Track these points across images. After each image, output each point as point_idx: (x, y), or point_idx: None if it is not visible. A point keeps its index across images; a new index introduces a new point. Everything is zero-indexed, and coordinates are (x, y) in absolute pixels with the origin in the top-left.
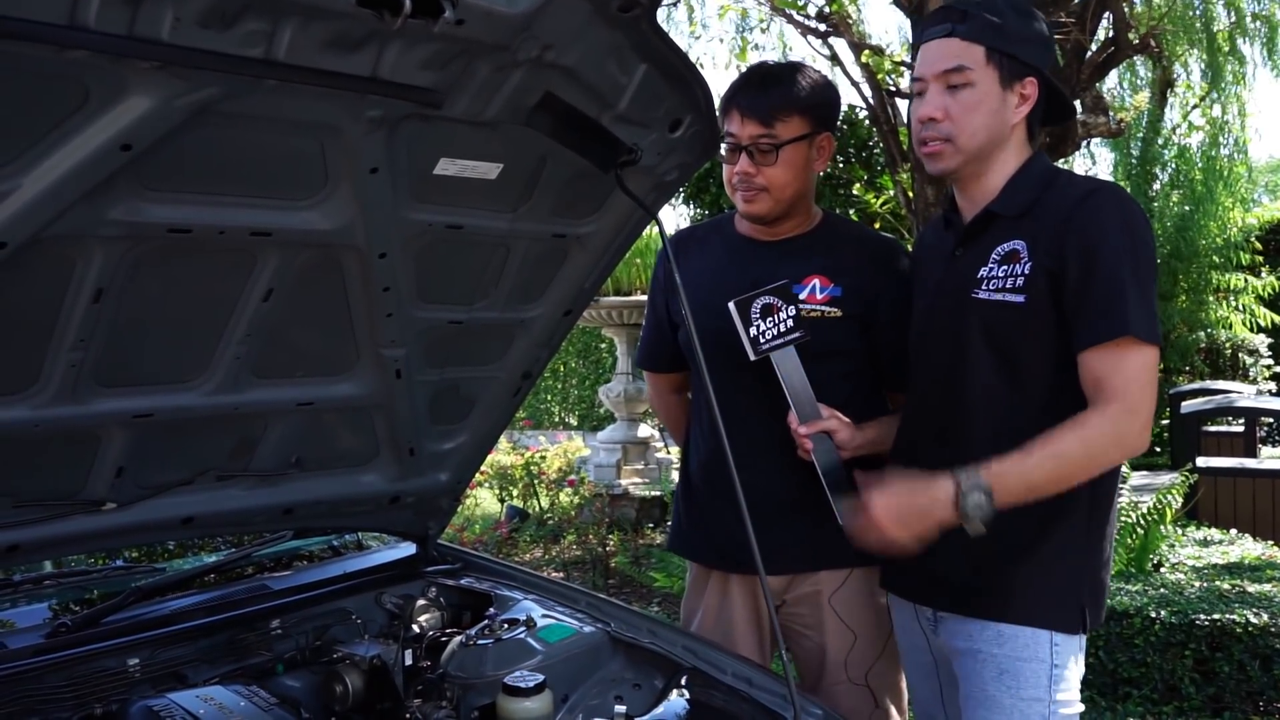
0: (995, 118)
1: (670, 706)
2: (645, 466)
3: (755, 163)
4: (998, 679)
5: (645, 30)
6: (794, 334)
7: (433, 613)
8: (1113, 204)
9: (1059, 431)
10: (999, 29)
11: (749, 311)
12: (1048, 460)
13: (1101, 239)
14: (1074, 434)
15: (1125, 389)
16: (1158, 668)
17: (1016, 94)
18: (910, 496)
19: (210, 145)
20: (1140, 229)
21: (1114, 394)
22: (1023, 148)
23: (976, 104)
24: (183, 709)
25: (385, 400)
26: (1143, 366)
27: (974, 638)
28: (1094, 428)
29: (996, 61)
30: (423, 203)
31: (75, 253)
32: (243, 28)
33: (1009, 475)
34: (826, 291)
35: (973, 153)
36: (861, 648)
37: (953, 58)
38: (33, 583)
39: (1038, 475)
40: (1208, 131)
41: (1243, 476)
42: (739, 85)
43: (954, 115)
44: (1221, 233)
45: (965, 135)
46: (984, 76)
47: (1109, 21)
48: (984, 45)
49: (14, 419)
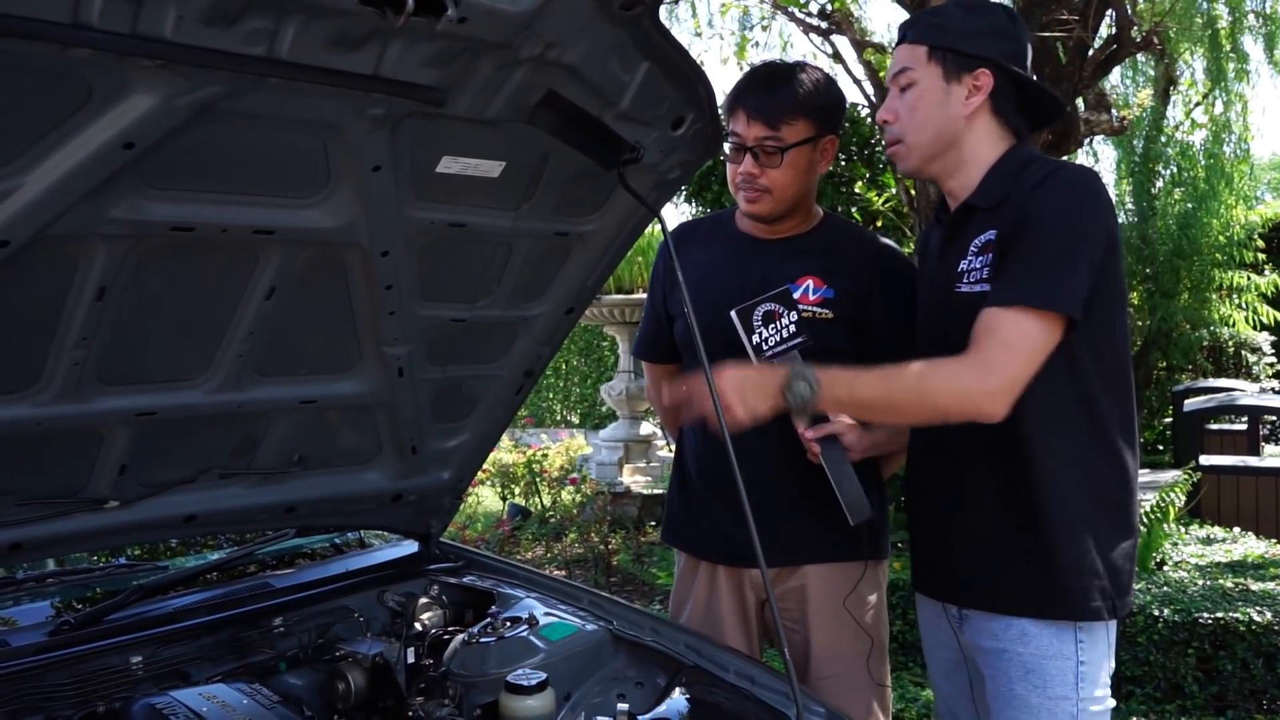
0: (939, 111)
1: (672, 704)
2: (647, 464)
3: (759, 164)
4: (1024, 678)
5: (648, 28)
6: (797, 339)
7: (435, 611)
8: (1059, 185)
9: (907, 365)
10: (940, 27)
11: (750, 319)
12: (877, 380)
13: (1036, 215)
14: (916, 367)
15: (988, 346)
16: (1161, 666)
17: (966, 86)
18: (753, 373)
19: (213, 143)
20: (1081, 206)
21: (975, 348)
22: (997, 139)
23: (917, 100)
24: (185, 707)
25: (387, 398)
26: (1019, 332)
27: (999, 636)
28: (937, 369)
29: (939, 58)
30: (425, 201)
31: (78, 251)
32: (245, 26)
33: (838, 380)
34: (819, 293)
35: (924, 148)
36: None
37: (899, 62)
38: (35, 581)
39: (864, 391)
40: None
41: (1246, 475)
42: (745, 85)
43: (902, 115)
44: (1224, 230)
45: (913, 133)
46: (926, 74)
47: (1111, 19)
48: (926, 44)
49: (17, 417)
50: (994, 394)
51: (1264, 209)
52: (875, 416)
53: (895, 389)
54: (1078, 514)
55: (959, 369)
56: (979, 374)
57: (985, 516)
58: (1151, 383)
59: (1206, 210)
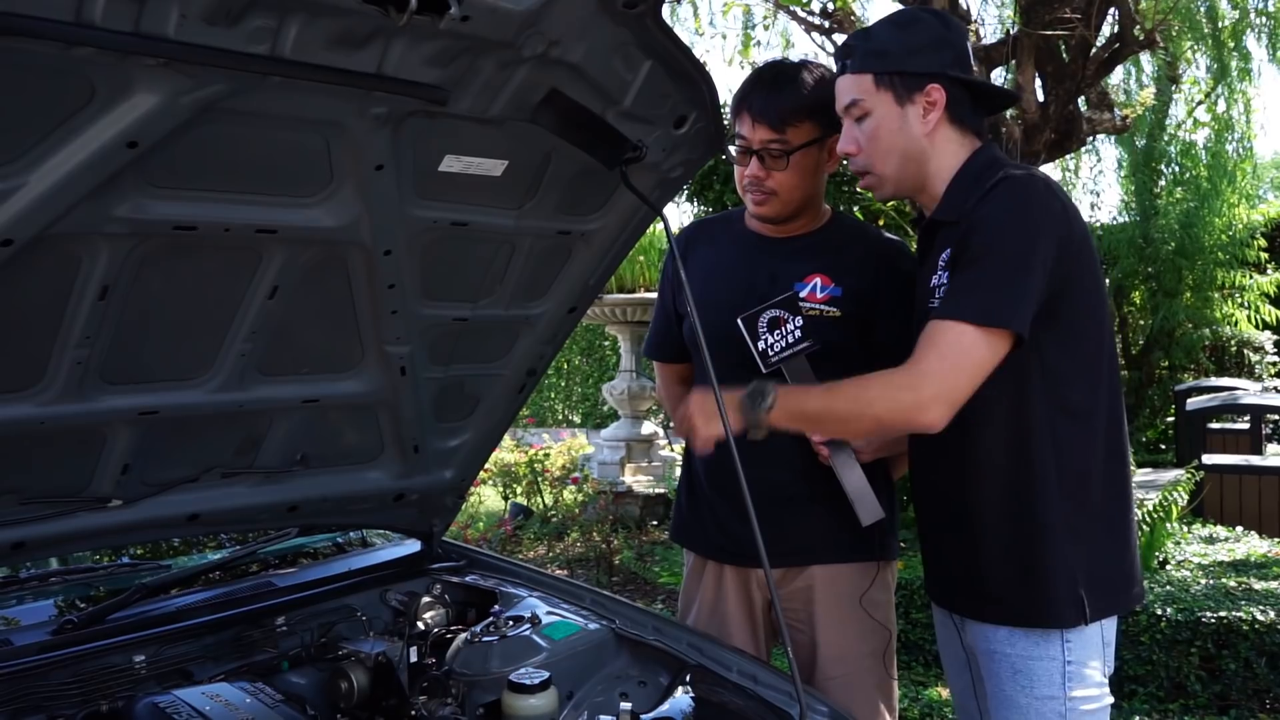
0: (901, 136)
1: (675, 704)
2: (649, 464)
3: (766, 167)
4: (1013, 679)
5: (650, 27)
6: (803, 344)
7: (438, 610)
8: (1002, 195)
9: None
10: (879, 53)
11: (756, 326)
12: (822, 393)
13: (980, 227)
14: (857, 379)
15: (924, 357)
16: (1163, 665)
17: (920, 105)
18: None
19: (216, 142)
20: (1025, 215)
21: (912, 359)
22: (959, 147)
23: (876, 129)
24: (188, 706)
25: (390, 397)
26: (957, 344)
27: (989, 639)
28: (874, 380)
29: (887, 83)
30: (428, 200)
31: (81, 250)
32: (248, 24)
33: (790, 394)
34: (827, 291)
35: (894, 175)
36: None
37: (847, 93)
38: (39, 580)
39: (811, 404)
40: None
41: (1248, 474)
42: (749, 87)
43: (864, 147)
44: (1227, 229)
45: (879, 161)
46: (878, 102)
47: (1114, 17)
48: (870, 73)
49: (20, 416)
50: (926, 404)
51: (1266, 208)
52: (824, 429)
53: (836, 401)
54: (1055, 520)
55: (893, 379)
56: (912, 384)
57: (966, 525)
58: (1154, 382)
59: (1209, 209)
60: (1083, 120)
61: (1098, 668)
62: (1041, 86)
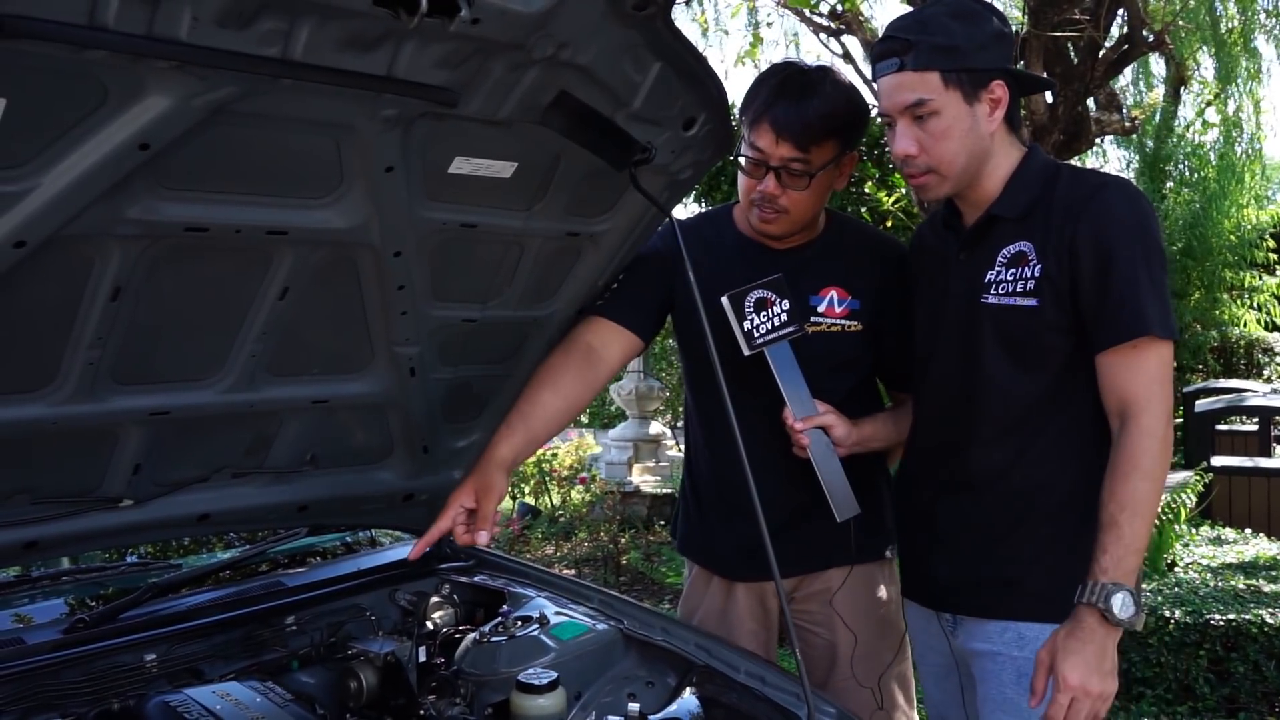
0: (970, 136)
1: (683, 704)
2: (656, 464)
3: (782, 184)
4: (1017, 682)
5: (660, 28)
6: (788, 328)
7: (446, 609)
8: (1123, 200)
9: (1121, 483)
10: (948, 50)
11: (742, 305)
12: (1136, 520)
13: (1115, 236)
14: (1135, 475)
15: (1149, 396)
16: (1172, 667)
17: (985, 103)
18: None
19: (227, 144)
20: (1151, 224)
21: (1141, 405)
22: (1010, 146)
23: (946, 131)
24: (199, 704)
25: (399, 398)
26: (1160, 365)
27: (993, 640)
28: (1145, 455)
29: (955, 81)
30: (437, 201)
31: (93, 252)
32: (260, 27)
33: (1124, 562)
34: (845, 304)
35: (959, 176)
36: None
37: (909, 91)
38: (51, 579)
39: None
40: (1221, 129)
41: (1257, 476)
42: (773, 95)
43: (928, 147)
44: (1235, 230)
45: (946, 163)
46: (947, 102)
47: (1123, 18)
48: (937, 70)
49: (32, 416)
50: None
51: (1275, 209)
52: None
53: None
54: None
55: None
56: (1161, 423)
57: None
58: None
59: (1217, 210)
60: (1091, 121)
61: None
62: None
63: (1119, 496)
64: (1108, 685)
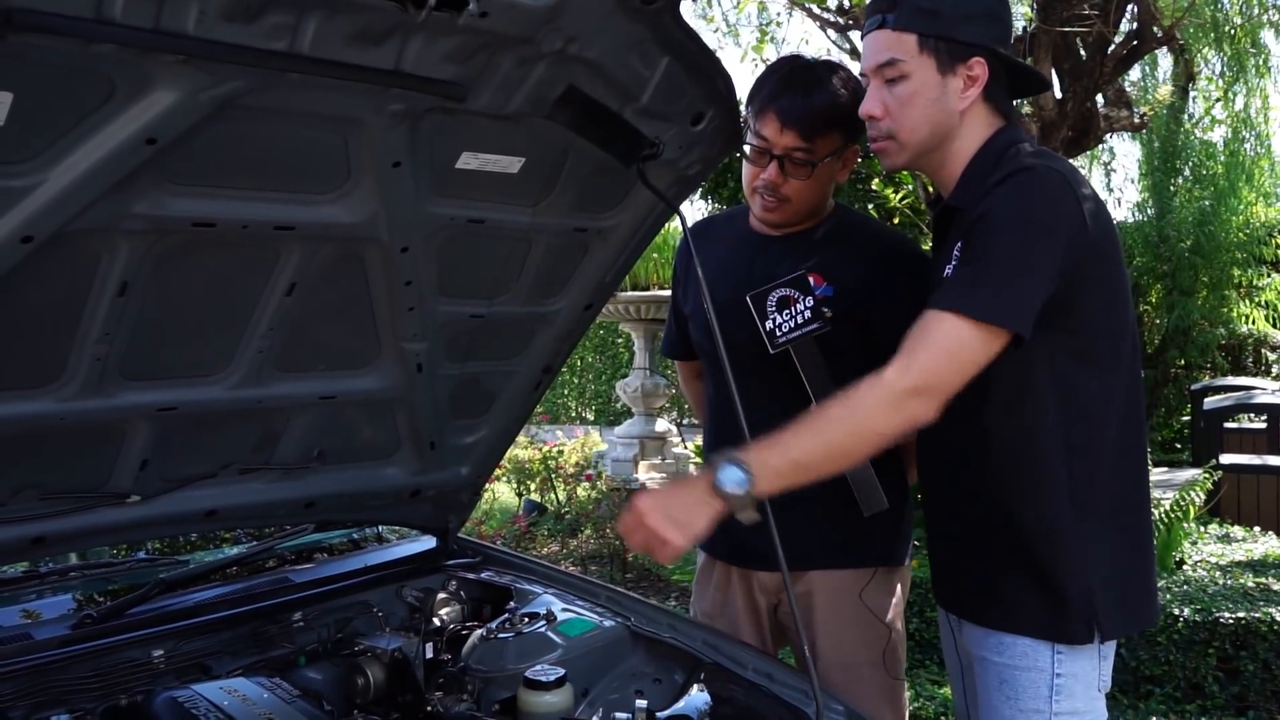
0: (936, 107)
1: (691, 701)
2: (662, 461)
3: (785, 173)
4: (999, 688)
5: (668, 23)
6: (812, 325)
7: (453, 606)
8: (1015, 187)
9: (829, 400)
10: (930, 13)
11: (765, 305)
12: (809, 433)
13: (988, 218)
14: (839, 403)
15: (914, 346)
16: (1180, 666)
17: (961, 77)
18: (674, 490)
19: (234, 139)
20: (1038, 213)
21: (903, 359)
22: (983, 127)
23: (912, 96)
24: (206, 700)
25: (406, 394)
26: (952, 341)
27: (980, 644)
28: (860, 390)
29: (931, 48)
30: (445, 197)
31: (100, 246)
32: (267, 21)
33: (770, 452)
34: (820, 290)
35: (918, 146)
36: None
37: (884, 50)
38: (58, 574)
39: (800, 450)
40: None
41: (1266, 474)
42: (780, 86)
43: (892, 111)
44: (1244, 227)
45: (906, 130)
46: (919, 66)
47: (1132, 14)
48: (916, 33)
49: (40, 412)
50: (919, 391)
51: None
52: (825, 470)
53: (830, 433)
54: (1063, 526)
55: (879, 378)
56: (900, 374)
57: (970, 527)
58: (1169, 381)
59: (1226, 207)
60: (1100, 117)
61: (1092, 682)
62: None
63: (820, 407)
64: (666, 529)
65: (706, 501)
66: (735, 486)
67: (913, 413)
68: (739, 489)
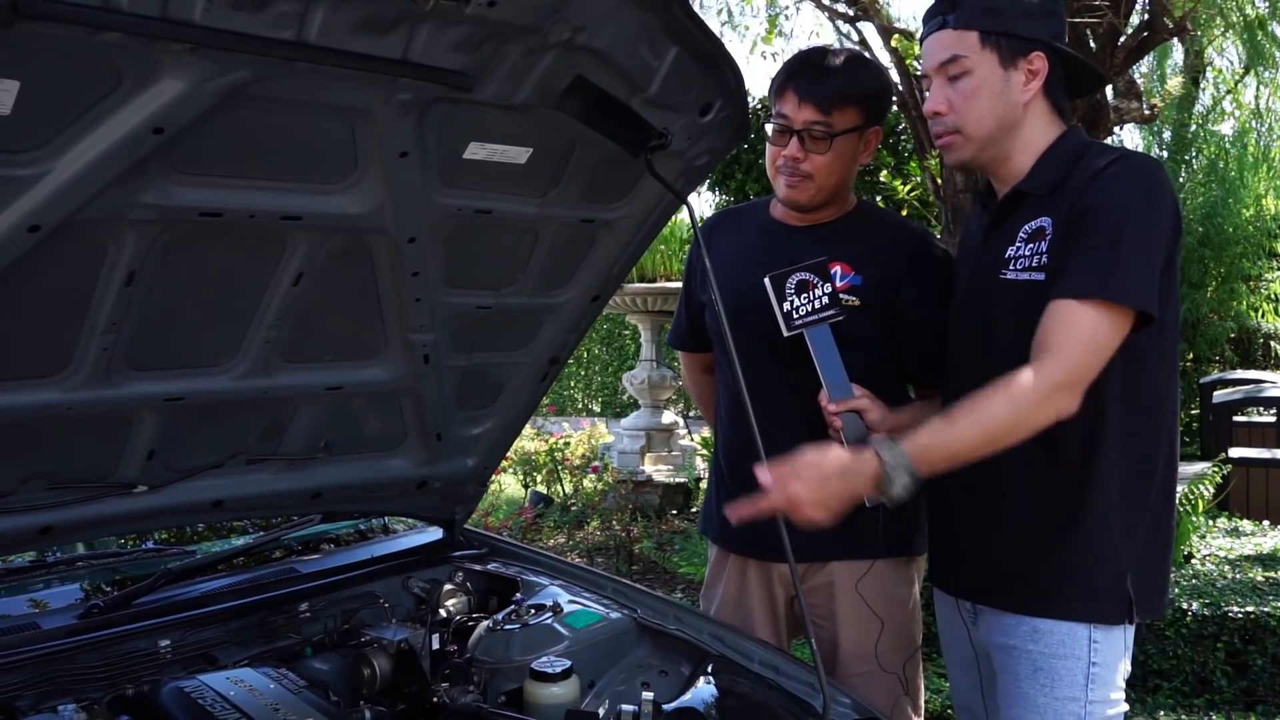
0: (1000, 100)
1: (697, 693)
2: (669, 453)
3: (805, 148)
4: (1032, 676)
5: (677, 13)
6: (828, 311)
7: (460, 597)
8: (1128, 172)
9: (986, 393)
10: (991, 10)
11: (784, 287)
12: (969, 424)
13: (1103, 200)
14: (998, 393)
15: (1063, 349)
16: (1189, 660)
17: (1022, 71)
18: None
19: (241, 128)
20: (1154, 197)
21: (1050, 353)
22: (1049, 123)
23: (976, 90)
24: (213, 690)
25: (413, 385)
26: (1092, 329)
27: (1010, 633)
28: (1020, 383)
29: (993, 43)
30: (452, 187)
31: (108, 236)
32: (275, 9)
33: (930, 447)
34: (847, 279)
35: (984, 139)
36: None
37: (946, 48)
38: (66, 564)
39: (960, 443)
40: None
41: (1275, 467)
42: (798, 66)
43: (956, 106)
44: (1254, 220)
45: (971, 124)
46: (981, 61)
47: (1143, 5)
48: (977, 29)
49: (47, 401)
50: (1069, 385)
51: None
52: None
53: (991, 427)
54: (1109, 515)
55: (1045, 377)
56: (1053, 367)
57: (1008, 514)
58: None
59: (1236, 199)
60: (1110, 109)
61: (1120, 672)
62: None
63: (976, 405)
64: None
65: (861, 493)
66: (904, 491)
67: (1059, 405)
68: (906, 490)
